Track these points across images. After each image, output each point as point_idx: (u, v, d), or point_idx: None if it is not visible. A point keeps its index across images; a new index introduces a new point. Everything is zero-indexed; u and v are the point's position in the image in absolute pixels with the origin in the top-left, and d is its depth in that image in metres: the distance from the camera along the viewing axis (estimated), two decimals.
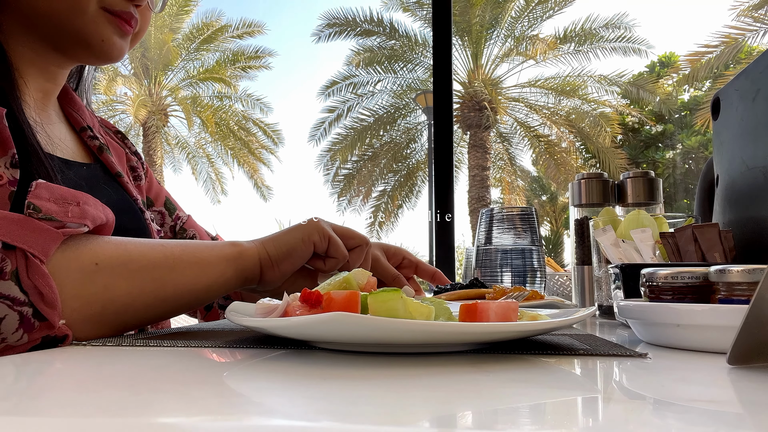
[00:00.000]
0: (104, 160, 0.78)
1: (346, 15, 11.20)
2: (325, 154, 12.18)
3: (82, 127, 0.79)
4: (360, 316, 0.34)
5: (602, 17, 10.75)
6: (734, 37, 9.36)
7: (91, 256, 0.50)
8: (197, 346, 0.44)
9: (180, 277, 0.55)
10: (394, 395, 0.27)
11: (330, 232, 0.66)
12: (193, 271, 0.57)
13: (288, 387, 0.29)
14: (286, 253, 0.64)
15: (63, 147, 0.73)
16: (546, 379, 0.33)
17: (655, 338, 0.46)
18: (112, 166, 0.79)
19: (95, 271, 0.50)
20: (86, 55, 0.71)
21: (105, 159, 0.78)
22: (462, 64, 11.31)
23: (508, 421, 0.23)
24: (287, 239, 0.65)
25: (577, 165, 11.25)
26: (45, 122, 0.71)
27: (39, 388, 0.29)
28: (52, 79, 0.74)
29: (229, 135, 12.72)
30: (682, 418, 0.23)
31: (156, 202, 0.90)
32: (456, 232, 2.56)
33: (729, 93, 0.75)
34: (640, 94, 11.08)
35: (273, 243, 0.64)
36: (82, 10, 0.67)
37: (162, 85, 12.81)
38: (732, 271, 0.42)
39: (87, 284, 0.49)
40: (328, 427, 0.21)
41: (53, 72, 0.74)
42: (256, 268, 0.62)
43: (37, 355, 0.39)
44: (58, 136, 0.73)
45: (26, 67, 0.70)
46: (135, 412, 0.24)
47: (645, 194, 0.94)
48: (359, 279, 0.48)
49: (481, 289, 0.68)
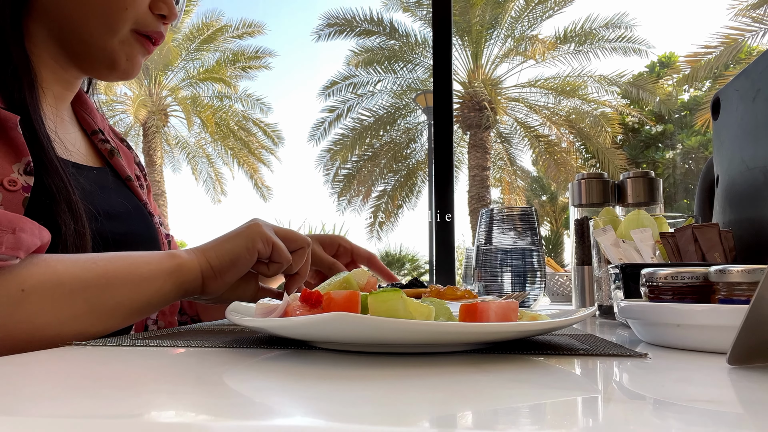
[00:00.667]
0: (115, 164, 0.79)
1: (346, 15, 11.20)
2: (325, 154, 12.18)
3: (94, 131, 0.80)
4: (360, 316, 0.34)
5: (602, 17, 10.75)
6: (734, 38, 9.36)
7: (17, 283, 0.48)
8: (197, 346, 0.44)
9: (115, 296, 0.53)
10: (394, 395, 0.27)
11: (273, 237, 0.64)
12: (129, 288, 0.54)
13: (288, 387, 0.29)
14: (230, 263, 0.61)
15: (75, 152, 0.74)
16: (546, 379, 0.33)
17: (655, 338, 0.46)
18: (123, 170, 0.79)
19: (21, 298, 0.47)
20: (107, 72, 0.72)
21: (115, 163, 0.79)
22: (462, 64, 11.32)
23: (508, 421, 0.23)
24: (230, 248, 0.62)
25: (577, 165, 11.25)
26: (59, 127, 0.71)
27: (39, 388, 0.29)
28: (68, 87, 0.75)
29: (229, 135, 12.72)
30: (682, 418, 0.23)
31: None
32: (456, 232, 2.56)
33: (729, 93, 0.75)
34: (640, 94, 11.08)
35: (215, 252, 0.61)
36: (114, 31, 0.68)
37: (162, 85, 12.80)
38: (732, 271, 0.42)
39: (12, 313, 0.47)
40: (328, 427, 0.21)
41: (69, 80, 0.75)
42: (197, 280, 0.60)
43: (37, 355, 0.39)
44: (70, 141, 0.74)
45: (45, 74, 0.70)
46: (135, 412, 0.24)
47: (645, 194, 0.94)
48: (359, 279, 0.48)
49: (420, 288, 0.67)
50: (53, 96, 0.72)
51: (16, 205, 0.55)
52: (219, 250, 0.62)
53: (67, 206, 0.59)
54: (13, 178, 0.56)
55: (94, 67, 0.72)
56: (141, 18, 0.69)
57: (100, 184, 0.72)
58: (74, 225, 0.59)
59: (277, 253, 0.64)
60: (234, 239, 0.63)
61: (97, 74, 0.74)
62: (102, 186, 0.72)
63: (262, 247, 0.63)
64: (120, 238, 0.68)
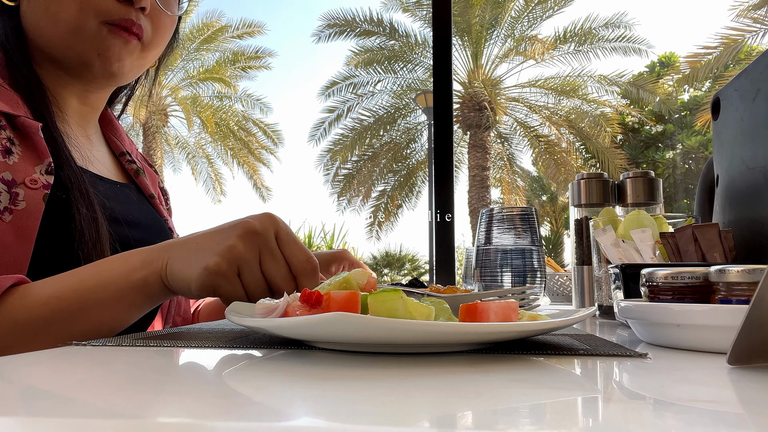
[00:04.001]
0: (140, 182, 0.82)
1: (346, 15, 11.21)
2: (325, 154, 12.19)
3: (122, 152, 0.83)
4: (360, 316, 0.34)
5: (602, 17, 10.77)
6: (734, 38, 9.36)
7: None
8: (197, 346, 0.44)
9: (83, 324, 0.52)
10: (394, 395, 0.27)
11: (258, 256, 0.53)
12: (97, 314, 0.53)
13: (288, 387, 0.29)
14: (185, 289, 0.54)
15: (99, 165, 0.76)
16: (546, 379, 0.33)
17: (655, 338, 0.46)
18: (147, 188, 0.82)
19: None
20: (90, 75, 0.72)
21: (140, 182, 0.82)
22: (462, 64, 11.32)
23: (508, 421, 0.23)
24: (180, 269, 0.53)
25: (577, 165, 11.25)
26: (84, 144, 0.75)
27: (39, 388, 0.29)
28: (87, 102, 0.77)
29: (229, 135, 12.72)
30: (682, 418, 0.23)
31: None
32: (456, 232, 2.56)
33: (729, 93, 0.75)
34: (640, 94, 11.08)
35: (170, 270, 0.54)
36: (81, 28, 0.68)
37: (162, 85, 12.80)
38: (732, 271, 0.42)
39: None
40: (328, 427, 0.21)
41: (84, 95, 0.76)
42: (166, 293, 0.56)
43: (37, 355, 0.39)
44: (96, 157, 0.77)
45: (61, 90, 0.73)
46: (135, 412, 0.24)
47: (645, 194, 0.93)
48: (359, 279, 0.48)
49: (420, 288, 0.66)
50: (74, 113, 0.76)
51: (36, 201, 0.60)
52: (175, 266, 0.54)
53: (79, 193, 0.63)
54: (34, 177, 0.61)
55: (79, 72, 0.72)
56: (103, 8, 0.68)
57: (124, 196, 0.76)
58: (86, 210, 0.63)
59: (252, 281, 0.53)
60: (196, 253, 0.53)
61: (82, 78, 0.73)
62: (125, 198, 0.76)
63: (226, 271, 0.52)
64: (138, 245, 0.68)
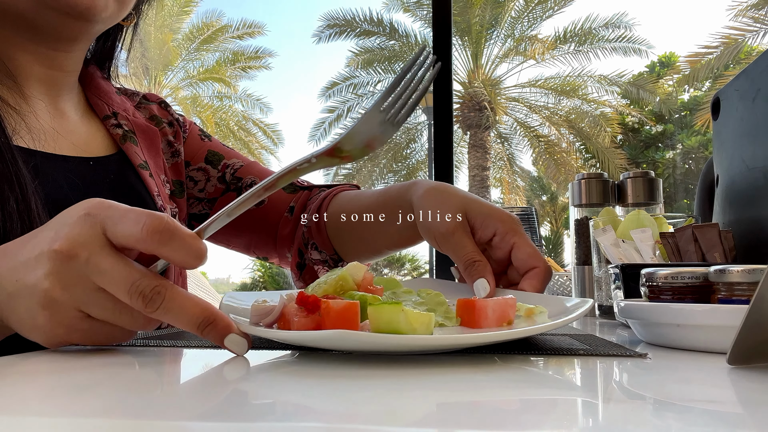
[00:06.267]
0: (126, 149, 0.72)
1: (346, 16, 11.22)
2: None
3: (106, 115, 0.73)
4: (359, 334, 0.34)
5: (602, 17, 10.77)
6: (734, 38, 9.36)
7: None
8: (197, 346, 0.44)
9: None
10: (394, 395, 0.27)
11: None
12: None
13: (288, 387, 0.29)
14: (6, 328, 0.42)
15: (71, 138, 0.67)
16: (546, 379, 0.33)
17: (655, 338, 0.46)
18: (134, 156, 0.72)
19: None
20: (50, 25, 0.62)
21: (127, 148, 0.72)
22: (462, 64, 11.32)
23: (508, 421, 0.23)
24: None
25: (577, 165, 11.25)
26: (46, 117, 0.65)
27: (39, 388, 0.29)
28: (54, 65, 0.67)
29: (229, 135, 12.72)
30: (682, 418, 0.23)
31: (194, 160, 0.83)
32: None
33: (729, 93, 0.75)
34: (640, 94, 11.08)
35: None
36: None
37: (162, 85, 12.80)
38: (732, 271, 0.42)
39: None
40: (328, 427, 0.21)
41: (49, 57, 0.66)
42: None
43: (37, 355, 0.39)
44: (69, 129, 0.67)
45: (15, 55, 0.64)
46: (135, 412, 0.24)
47: (645, 194, 0.93)
48: (355, 275, 0.46)
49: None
50: (41, 81, 0.66)
51: None
52: (10, 319, 0.40)
53: (8, 185, 0.54)
54: None
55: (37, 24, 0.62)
56: None
57: (94, 175, 0.67)
58: (16, 204, 0.53)
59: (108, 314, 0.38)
60: (14, 308, 0.39)
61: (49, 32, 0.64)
62: (94, 177, 0.67)
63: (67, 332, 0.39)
64: None
